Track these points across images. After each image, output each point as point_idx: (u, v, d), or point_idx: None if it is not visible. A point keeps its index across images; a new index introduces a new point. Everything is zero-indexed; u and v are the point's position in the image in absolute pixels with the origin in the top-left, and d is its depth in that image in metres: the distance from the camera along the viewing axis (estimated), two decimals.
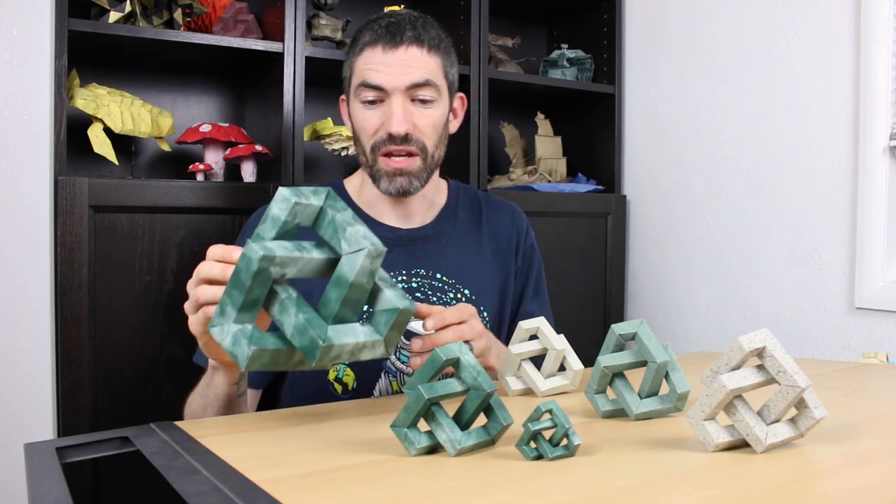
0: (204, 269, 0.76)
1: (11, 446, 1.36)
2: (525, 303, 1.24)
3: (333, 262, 0.66)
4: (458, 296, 1.15)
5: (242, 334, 0.63)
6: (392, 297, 0.67)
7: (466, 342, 0.92)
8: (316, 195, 0.66)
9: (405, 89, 1.06)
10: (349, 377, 1.10)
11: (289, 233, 0.65)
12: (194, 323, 0.78)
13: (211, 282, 0.75)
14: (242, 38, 1.64)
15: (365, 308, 0.93)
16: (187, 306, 0.78)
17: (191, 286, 0.78)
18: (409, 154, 1.08)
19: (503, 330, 1.21)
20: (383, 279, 0.68)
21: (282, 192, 0.65)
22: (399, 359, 1.11)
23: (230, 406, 0.93)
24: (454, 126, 1.19)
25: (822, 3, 1.66)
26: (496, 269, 1.20)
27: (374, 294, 0.67)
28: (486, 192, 1.30)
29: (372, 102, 1.08)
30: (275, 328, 0.67)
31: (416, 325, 1.07)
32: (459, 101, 1.20)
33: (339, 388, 1.10)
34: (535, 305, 1.24)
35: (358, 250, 0.63)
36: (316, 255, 0.65)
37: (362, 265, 0.63)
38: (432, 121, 1.10)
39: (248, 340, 0.63)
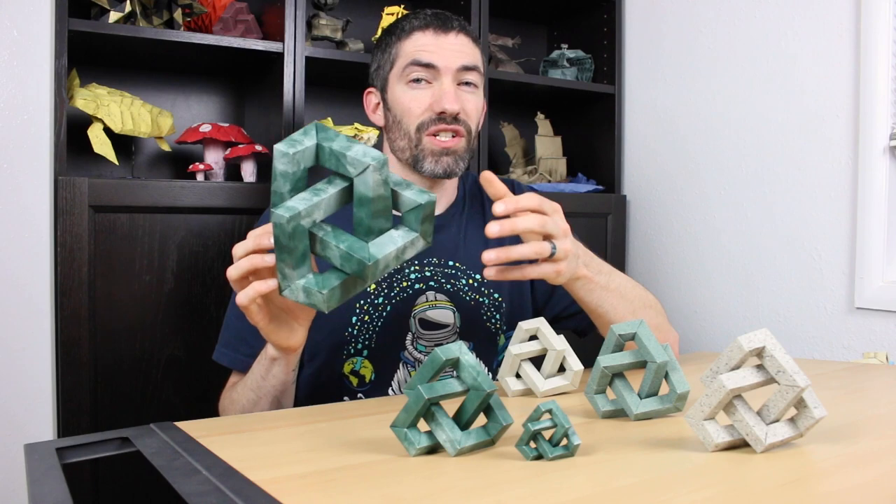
0: (238, 250, 0.80)
1: (11, 446, 1.36)
2: None
3: (349, 187, 0.72)
4: (471, 281, 1.15)
5: (309, 285, 0.72)
6: (412, 196, 0.73)
7: (547, 238, 0.87)
8: (307, 135, 0.72)
9: (456, 71, 1.09)
10: (367, 369, 1.10)
11: (300, 178, 0.71)
12: (250, 307, 0.80)
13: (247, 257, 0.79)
14: (242, 38, 1.64)
15: None
16: (240, 299, 0.80)
17: (233, 276, 0.80)
18: (456, 134, 1.10)
19: (526, 306, 1.19)
20: (397, 183, 0.74)
21: (277, 148, 0.70)
22: (416, 348, 1.11)
23: (284, 395, 0.96)
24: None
25: (822, 3, 1.66)
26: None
27: (395, 198, 0.73)
28: None
29: (417, 81, 1.10)
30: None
31: (435, 314, 1.11)
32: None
33: (355, 380, 1.10)
34: None
35: (364, 169, 0.69)
36: (331, 189, 0.71)
37: (374, 180, 0.69)
38: (476, 105, 1.13)
39: (318, 287, 0.71)
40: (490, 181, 0.89)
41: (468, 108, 1.11)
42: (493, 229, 0.84)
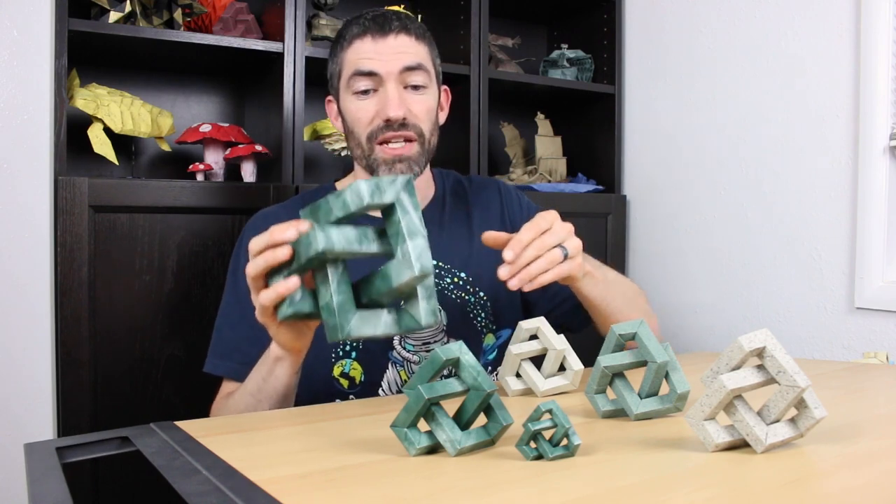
0: (254, 244, 0.79)
1: (11, 446, 1.36)
2: None
3: (389, 253, 0.72)
4: (455, 280, 1.15)
5: (291, 299, 0.73)
6: (423, 311, 0.73)
7: (558, 246, 0.91)
8: (392, 187, 0.71)
9: (398, 73, 1.08)
10: (356, 371, 1.10)
11: (355, 216, 0.71)
12: (264, 308, 0.79)
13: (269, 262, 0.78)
14: (242, 38, 1.64)
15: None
16: (263, 299, 0.78)
17: (251, 273, 0.78)
18: (407, 140, 1.09)
19: (516, 303, 1.20)
20: (427, 287, 0.74)
21: (360, 185, 0.69)
22: (405, 348, 1.11)
23: (286, 400, 0.95)
24: (442, 117, 1.20)
25: (822, 3, 1.66)
26: (492, 249, 1.20)
27: (410, 297, 0.73)
28: (469, 175, 1.29)
29: (365, 92, 1.09)
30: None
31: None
32: (445, 94, 1.21)
33: (345, 382, 1.10)
34: None
35: (407, 268, 0.70)
36: (374, 248, 0.72)
37: (407, 282, 0.71)
38: (426, 106, 1.11)
39: (292, 301, 0.73)
40: (494, 239, 0.95)
41: (416, 111, 1.09)
42: (512, 284, 0.89)
